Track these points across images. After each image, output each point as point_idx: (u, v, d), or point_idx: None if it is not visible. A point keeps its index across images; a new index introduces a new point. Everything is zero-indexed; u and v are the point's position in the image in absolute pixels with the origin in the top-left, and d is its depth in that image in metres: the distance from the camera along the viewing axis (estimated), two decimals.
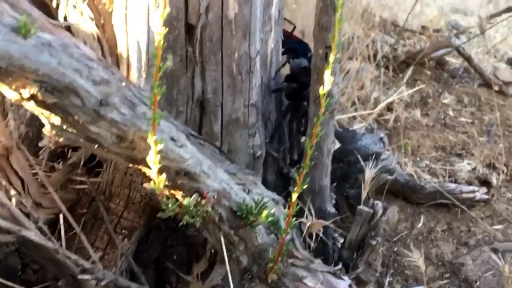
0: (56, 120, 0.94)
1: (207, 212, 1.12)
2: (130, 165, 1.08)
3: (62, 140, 0.98)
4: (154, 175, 1.00)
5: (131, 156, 1.03)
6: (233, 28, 1.35)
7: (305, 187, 1.12)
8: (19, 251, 1.29)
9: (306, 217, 1.39)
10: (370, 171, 1.59)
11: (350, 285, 1.36)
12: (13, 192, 1.28)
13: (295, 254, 1.30)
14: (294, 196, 1.12)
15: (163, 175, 1.01)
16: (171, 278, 1.48)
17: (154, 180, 1.01)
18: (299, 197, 1.13)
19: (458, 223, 2.12)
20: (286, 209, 1.17)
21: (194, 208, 1.07)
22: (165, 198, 1.05)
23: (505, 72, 3.15)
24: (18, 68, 0.82)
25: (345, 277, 1.36)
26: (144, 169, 1.05)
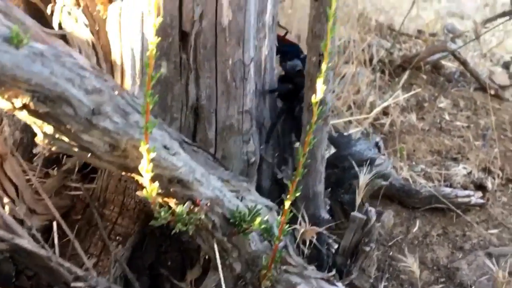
0: (49, 129, 0.95)
1: (200, 220, 1.12)
2: (123, 173, 1.08)
3: (55, 149, 0.98)
4: (147, 183, 1.00)
5: (124, 165, 1.04)
6: (227, 35, 1.36)
7: (299, 194, 1.12)
8: (13, 258, 1.29)
9: (300, 224, 1.39)
10: (364, 177, 1.59)
11: None
12: (7, 200, 1.28)
13: (289, 261, 1.30)
14: (287, 204, 1.12)
15: (156, 183, 1.01)
16: (165, 285, 1.48)
17: (147, 188, 1.01)
18: (293, 204, 1.14)
19: (454, 228, 2.12)
20: (279, 216, 1.17)
21: (187, 216, 1.07)
22: (158, 206, 1.05)
23: (501, 76, 3.15)
24: (10, 78, 0.82)
25: (339, 284, 1.36)
26: (137, 177, 1.05)
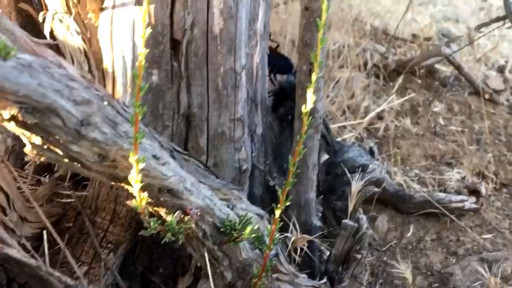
0: (37, 140, 0.94)
1: (191, 229, 1.12)
2: (113, 183, 1.08)
3: (44, 160, 0.98)
4: (136, 193, 1.00)
5: (114, 175, 1.03)
6: (219, 43, 1.36)
7: (291, 201, 1.12)
8: (4, 267, 1.29)
9: (291, 232, 1.40)
10: (357, 184, 1.59)
11: None
12: None
13: (280, 269, 1.30)
14: (278, 213, 1.12)
15: (145, 193, 1.01)
16: None
17: (136, 198, 1.01)
18: (285, 211, 1.15)
19: (447, 233, 2.13)
20: (270, 225, 1.17)
21: (177, 226, 1.07)
22: (148, 216, 1.05)
23: (496, 80, 3.16)
24: None
25: None
26: (127, 187, 1.05)
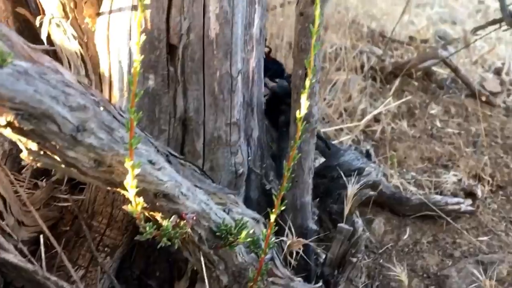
0: (33, 146, 0.95)
1: (187, 233, 1.13)
2: (109, 188, 1.09)
3: (40, 165, 0.99)
4: (132, 199, 1.01)
5: (110, 180, 1.04)
6: (215, 48, 1.36)
7: (287, 205, 1.13)
8: (1, 271, 1.30)
9: (287, 236, 1.40)
10: (353, 188, 1.60)
11: None
12: None
13: (275, 273, 1.31)
14: (273, 217, 1.13)
15: (141, 198, 1.02)
16: None
17: (132, 203, 1.02)
18: (280, 215, 1.15)
19: (444, 235, 2.13)
20: (266, 229, 1.18)
21: (173, 231, 1.08)
22: (144, 221, 1.05)
23: (492, 83, 3.17)
24: None
25: None
26: (123, 192, 1.06)
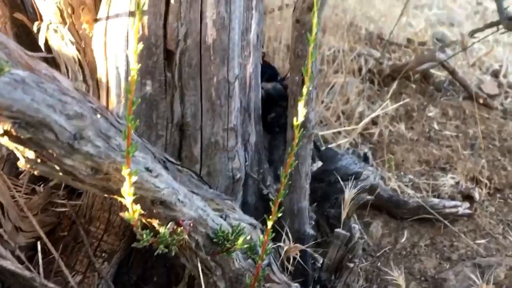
0: (31, 154, 0.95)
1: (184, 240, 1.13)
2: (106, 195, 1.09)
3: (37, 173, 0.99)
4: (129, 206, 1.01)
5: (107, 187, 1.04)
6: (212, 54, 1.37)
7: (284, 210, 1.13)
8: None
9: (284, 241, 1.40)
10: (350, 192, 1.60)
11: None
12: None
13: (272, 278, 1.31)
14: (270, 224, 1.13)
15: (138, 205, 1.02)
16: None
17: (129, 211, 1.02)
18: (278, 220, 1.15)
19: (441, 238, 2.14)
20: (263, 235, 1.18)
21: (170, 237, 1.08)
22: (141, 228, 1.05)
23: (490, 85, 3.17)
24: None
25: None
26: (120, 199, 1.06)
